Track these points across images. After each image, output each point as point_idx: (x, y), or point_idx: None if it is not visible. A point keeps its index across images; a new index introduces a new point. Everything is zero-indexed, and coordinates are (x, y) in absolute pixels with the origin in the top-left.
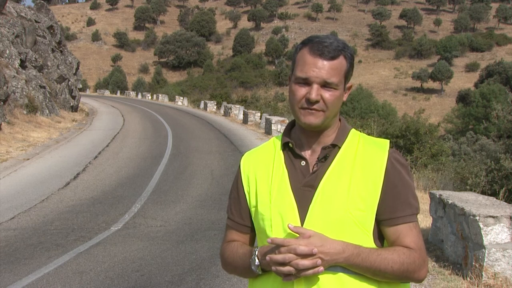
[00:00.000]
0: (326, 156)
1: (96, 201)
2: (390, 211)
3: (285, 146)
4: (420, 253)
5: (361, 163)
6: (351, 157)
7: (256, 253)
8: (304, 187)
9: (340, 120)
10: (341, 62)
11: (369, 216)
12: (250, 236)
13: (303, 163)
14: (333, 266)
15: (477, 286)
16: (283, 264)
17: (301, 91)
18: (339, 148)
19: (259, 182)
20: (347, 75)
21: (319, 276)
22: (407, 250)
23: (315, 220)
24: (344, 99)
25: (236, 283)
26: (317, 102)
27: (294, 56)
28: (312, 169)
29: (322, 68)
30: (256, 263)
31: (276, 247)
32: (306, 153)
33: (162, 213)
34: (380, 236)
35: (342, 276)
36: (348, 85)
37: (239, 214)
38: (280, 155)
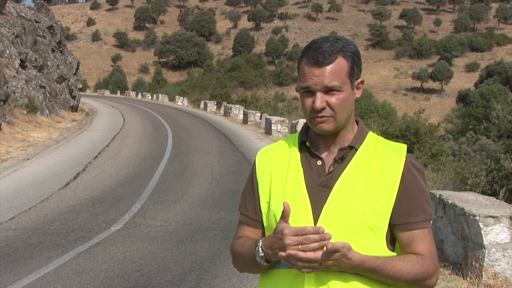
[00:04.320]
0: (343, 158)
1: (96, 201)
2: (405, 215)
3: (301, 145)
4: (433, 261)
5: (377, 166)
6: (367, 160)
7: (260, 244)
8: (319, 187)
9: (357, 122)
10: (339, 63)
11: (383, 219)
12: (262, 231)
13: (319, 162)
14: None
15: (477, 286)
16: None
17: (308, 101)
18: (356, 150)
19: (273, 179)
20: (352, 73)
21: (329, 276)
22: (421, 259)
23: (329, 220)
24: (358, 95)
25: (236, 283)
26: (323, 109)
27: (298, 67)
28: (328, 170)
29: (320, 75)
30: (260, 254)
31: (276, 237)
32: (323, 153)
33: (162, 213)
34: (392, 241)
35: (352, 281)
36: (358, 80)
37: (254, 210)
38: (296, 154)
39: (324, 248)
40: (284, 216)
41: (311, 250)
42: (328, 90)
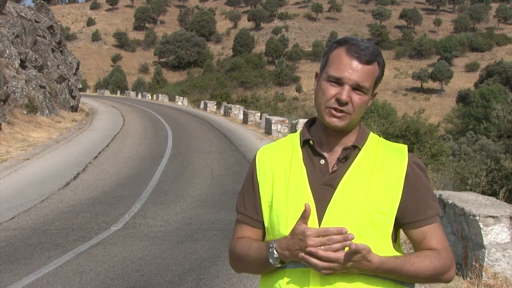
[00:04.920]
0: (347, 157)
1: (96, 201)
2: (414, 214)
3: (304, 143)
4: (448, 254)
5: (380, 166)
6: (371, 160)
7: (274, 246)
8: (323, 186)
9: (359, 123)
10: (374, 68)
11: (389, 218)
12: (262, 232)
13: (322, 161)
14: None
15: (477, 286)
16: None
17: (332, 90)
18: (359, 150)
19: (276, 178)
20: (377, 82)
21: (334, 276)
22: (437, 253)
23: (333, 220)
24: (369, 105)
25: (236, 283)
26: (346, 103)
27: (327, 54)
28: (332, 169)
29: (357, 70)
30: (275, 256)
31: (295, 239)
32: (326, 152)
33: (162, 213)
34: (395, 240)
35: (356, 282)
36: (374, 92)
37: (254, 209)
38: (298, 152)
39: (346, 248)
40: (304, 216)
41: (333, 251)
42: (356, 88)
